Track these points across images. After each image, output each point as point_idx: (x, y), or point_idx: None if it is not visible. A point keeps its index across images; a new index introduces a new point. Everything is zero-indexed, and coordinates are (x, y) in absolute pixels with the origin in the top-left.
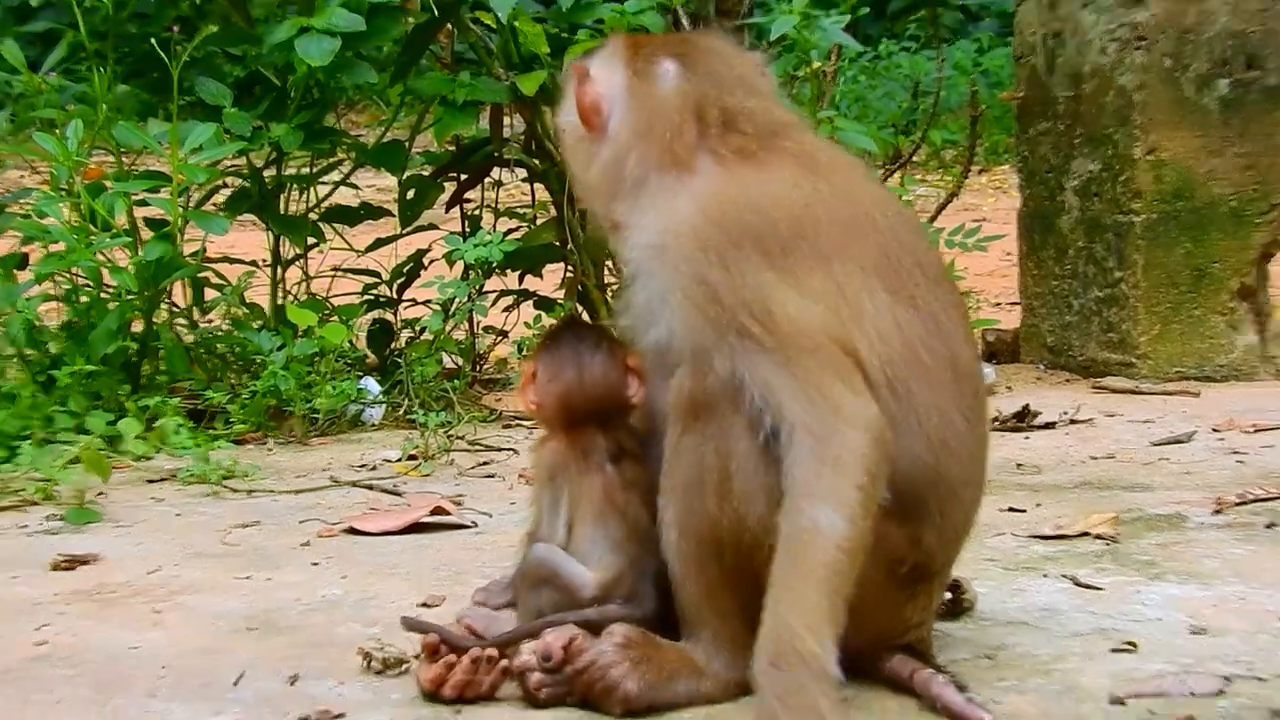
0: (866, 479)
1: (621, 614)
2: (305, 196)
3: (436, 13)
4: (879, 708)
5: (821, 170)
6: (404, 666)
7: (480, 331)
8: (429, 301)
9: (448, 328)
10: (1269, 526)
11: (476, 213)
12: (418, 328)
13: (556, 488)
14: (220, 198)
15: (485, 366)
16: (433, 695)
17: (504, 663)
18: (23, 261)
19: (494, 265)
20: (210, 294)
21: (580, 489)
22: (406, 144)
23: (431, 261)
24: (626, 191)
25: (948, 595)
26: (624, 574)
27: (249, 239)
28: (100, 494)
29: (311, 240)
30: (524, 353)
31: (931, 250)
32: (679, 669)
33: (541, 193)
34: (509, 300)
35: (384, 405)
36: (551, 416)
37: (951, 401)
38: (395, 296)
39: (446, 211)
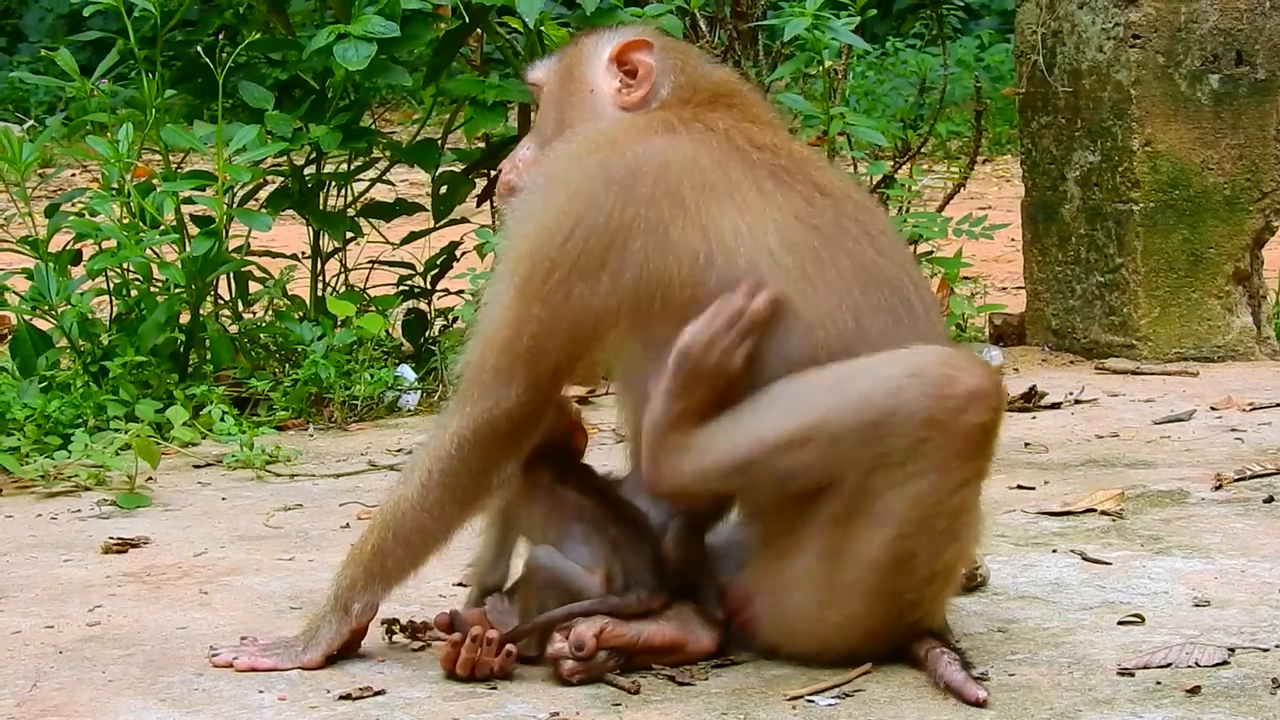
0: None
1: (625, 603)
2: (343, 193)
3: (467, 18)
4: (897, 680)
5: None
6: (425, 636)
7: None
8: (461, 292)
9: None
10: (1267, 501)
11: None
12: (451, 317)
13: (505, 526)
14: (263, 195)
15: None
16: (450, 674)
17: (509, 646)
18: (76, 258)
19: None
20: (254, 287)
21: (534, 517)
22: (439, 142)
23: (463, 253)
24: None
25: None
26: (614, 570)
27: (290, 234)
28: (149, 479)
29: (349, 235)
30: None
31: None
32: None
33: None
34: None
35: (419, 391)
36: None
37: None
38: (429, 287)
39: (477, 206)
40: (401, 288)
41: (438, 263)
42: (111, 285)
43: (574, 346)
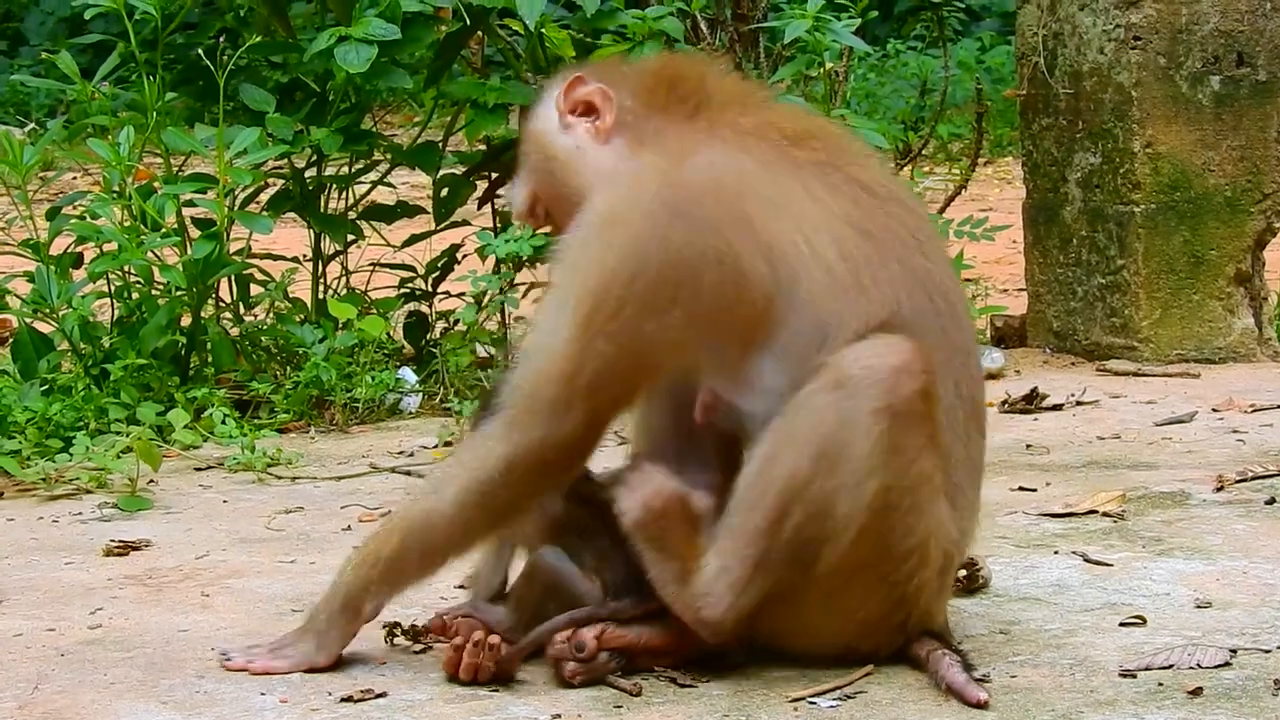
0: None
1: (622, 607)
2: (344, 196)
3: (468, 20)
4: (899, 682)
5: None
6: (427, 639)
7: (512, 322)
8: (463, 294)
9: (481, 319)
10: (1269, 502)
11: (507, 209)
12: (452, 319)
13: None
14: (264, 198)
15: (517, 356)
16: (451, 677)
17: (506, 648)
18: (77, 260)
19: (524, 259)
20: (255, 290)
21: (527, 527)
22: (440, 145)
23: (464, 256)
24: None
25: (963, 573)
26: (604, 580)
27: (291, 237)
28: (151, 482)
29: (351, 237)
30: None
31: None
32: None
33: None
34: (539, 292)
35: (421, 394)
36: None
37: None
38: (430, 290)
39: (478, 208)
40: (403, 290)
41: (439, 265)
42: (113, 288)
43: (638, 379)
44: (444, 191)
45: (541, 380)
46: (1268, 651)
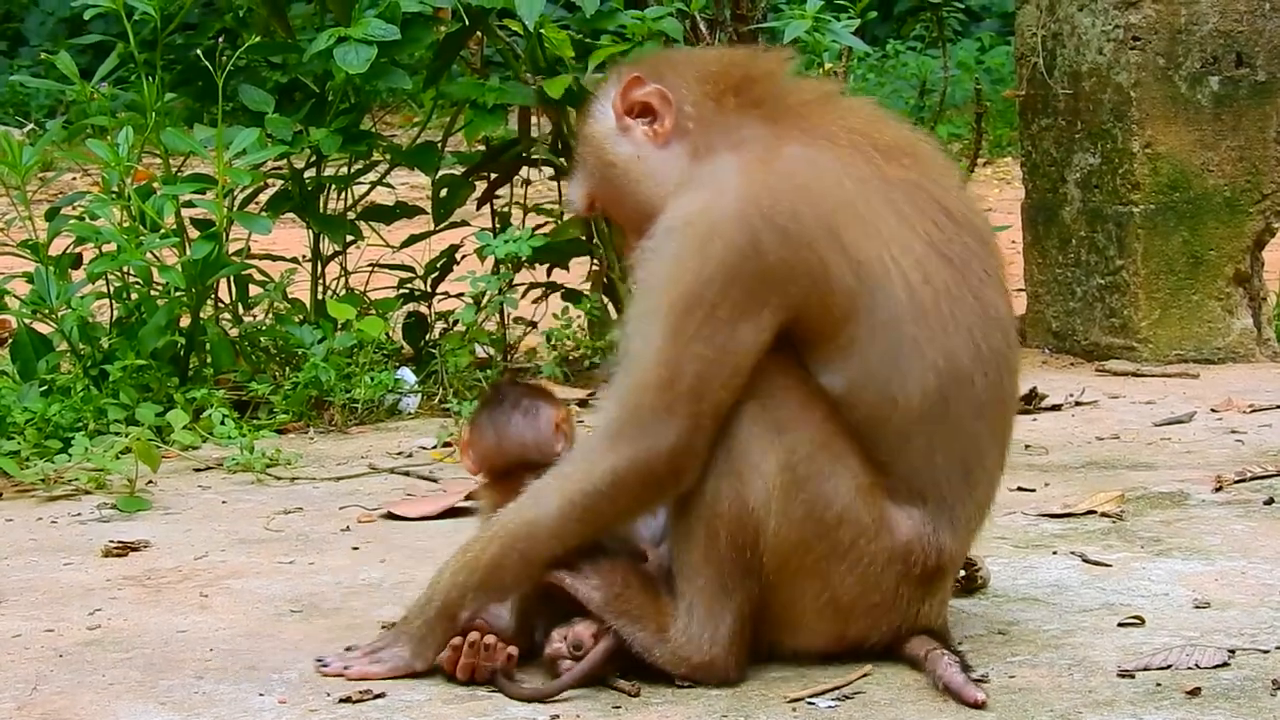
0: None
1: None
2: (343, 196)
3: (467, 20)
4: (897, 682)
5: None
6: None
7: (511, 323)
8: (461, 295)
9: (479, 320)
10: (1267, 503)
11: (506, 210)
12: (451, 320)
13: None
14: (263, 198)
15: (516, 356)
16: (450, 677)
17: (510, 649)
18: (76, 261)
19: (523, 260)
20: (254, 290)
21: None
22: (439, 145)
23: (463, 257)
24: None
25: (962, 573)
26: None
27: (290, 237)
28: (150, 482)
29: (350, 238)
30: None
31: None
32: None
33: (568, 190)
34: (538, 293)
35: (420, 394)
36: (483, 472)
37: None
38: (429, 290)
39: (477, 209)
40: (402, 291)
41: (438, 266)
42: (112, 289)
43: (737, 380)
44: (443, 192)
45: (641, 390)
46: (1266, 652)
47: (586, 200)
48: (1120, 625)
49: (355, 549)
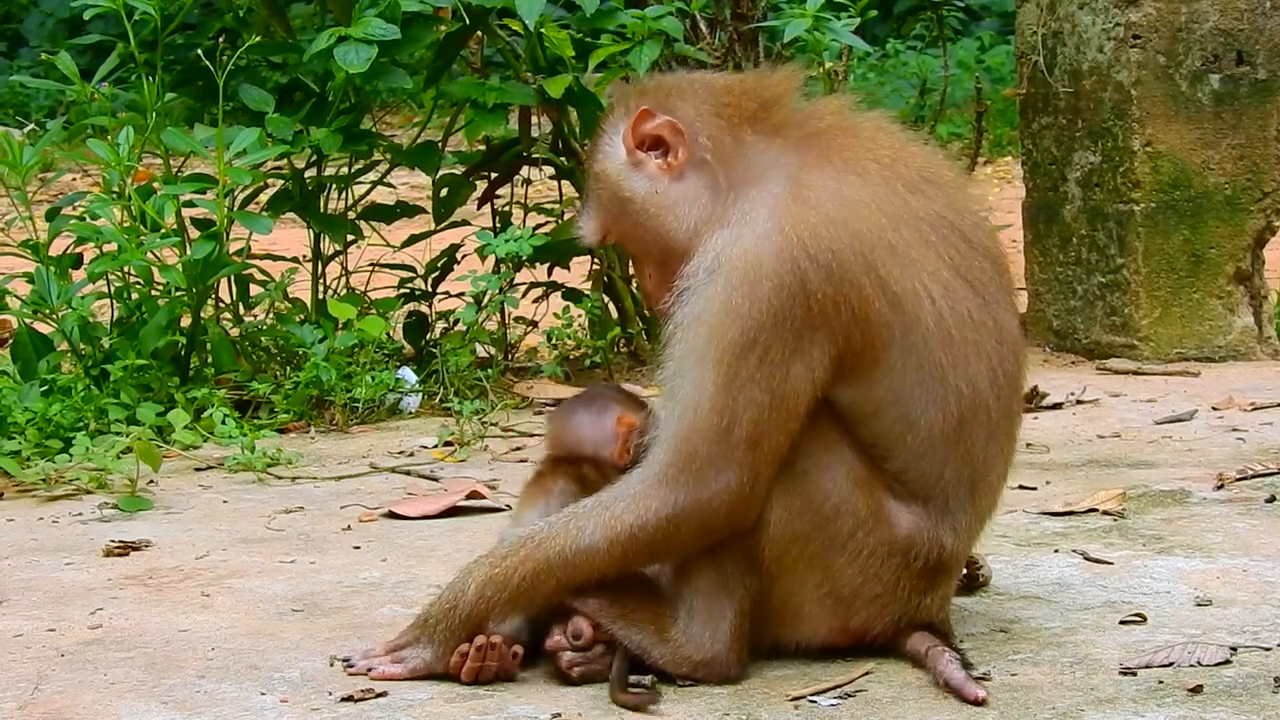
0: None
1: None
2: (344, 196)
3: (467, 20)
4: (899, 680)
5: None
6: None
7: (511, 322)
8: (462, 294)
9: (480, 319)
10: (1269, 500)
11: (506, 209)
12: (452, 319)
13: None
14: (263, 198)
15: (517, 355)
16: (454, 677)
17: (514, 648)
18: (77, 261)
19: (524, 259)
20: (255, 290)
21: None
22: (439, 145)
23: (464, 256)
24: None
25: (964, 571)
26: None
27: (291, 237)
28: (151, 482)
29: (350, 237)
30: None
31: None
32: None
33: (568, 189)
34: (538, 292)
35: (420, 394)
36: (548, 452)
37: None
38: (430, 290)
39: (478, 208)
40: (402, 290)
41: (438, 265)
42: (112, 289)
43: (793, 424)
44: (443, 191)
45: (695, 436)
46: (1268, 649)
47: (600, 234)
48: (1122, 623)
49: (356, 548)
